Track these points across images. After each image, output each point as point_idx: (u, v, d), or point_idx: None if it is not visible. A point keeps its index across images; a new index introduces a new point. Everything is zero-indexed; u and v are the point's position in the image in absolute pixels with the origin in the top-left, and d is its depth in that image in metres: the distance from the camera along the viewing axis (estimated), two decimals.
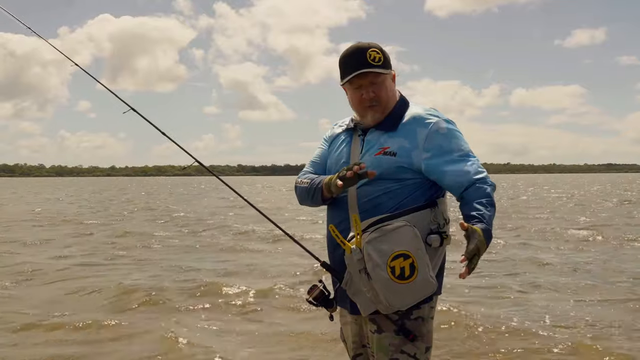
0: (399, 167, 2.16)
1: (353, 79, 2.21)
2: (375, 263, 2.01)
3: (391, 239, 2.02)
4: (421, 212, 2.12)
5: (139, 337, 5.09)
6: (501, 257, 9.36)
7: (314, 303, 2.20)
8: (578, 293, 6.68)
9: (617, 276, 7.68)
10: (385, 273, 2.00)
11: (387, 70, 2.23)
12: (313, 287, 2.21)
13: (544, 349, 4.66)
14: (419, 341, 2.14)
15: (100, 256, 9.85)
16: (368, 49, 2.20)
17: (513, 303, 6.28)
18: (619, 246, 10.71)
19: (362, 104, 2.24)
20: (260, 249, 10.72)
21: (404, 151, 2.16)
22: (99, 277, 7.76)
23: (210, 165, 2.82)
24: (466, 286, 6.79)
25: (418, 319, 2.15)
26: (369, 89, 2.21)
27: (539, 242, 11.38)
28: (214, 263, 9.17)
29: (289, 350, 4.79)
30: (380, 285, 2.01)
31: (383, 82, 2.22)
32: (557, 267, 8.41)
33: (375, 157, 2.18)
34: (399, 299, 2.03)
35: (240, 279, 7.59)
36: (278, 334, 5.21)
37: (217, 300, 6.43)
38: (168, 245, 11.32)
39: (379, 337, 2.16)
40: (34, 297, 6.66)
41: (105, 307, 6.18)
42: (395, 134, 2.20)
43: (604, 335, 5.00)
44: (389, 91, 2.25)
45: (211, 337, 5.13)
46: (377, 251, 2.01)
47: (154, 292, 6.67)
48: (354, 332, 2.33)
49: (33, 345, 4.84)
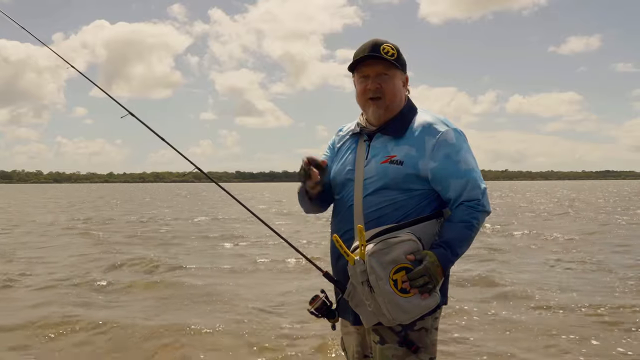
0: (405, 177, 2.11)
1: (362, 67, 2.18)
2: (378, 276, 1.96)
3: (395, 251, 1.97)
4: (427, 222, 2.09)
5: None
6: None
7: (316, 314, 2.15)
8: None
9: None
10: (388, 286, 1.96)
11: (398, 67, 2.18)
12: (315, 298, 2.16)
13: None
14: (422, 352, 2.10)
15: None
16: (384, 43, 2.18)
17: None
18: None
19: (365, 94, 2.19)
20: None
21: (410, 160, 2.12)
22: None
23: (209, 172, 2.77)
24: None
25: (421, 330, 2.11)
26: (375, 80, 2.17)
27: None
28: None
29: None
30: (383, 299, 1.96)
31: (391, 78, 2.18)
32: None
33: (380, 165, 2.14)
34: (402, 312, 1.98)
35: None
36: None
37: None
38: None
39: (382, 348, 2.12)
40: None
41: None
42: (402, 141, 2.15)
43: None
44: (396, 90, 2.19)
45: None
46: (380, 264, 1.97)
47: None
48: (356, 342, 2.29)
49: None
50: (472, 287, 7.41)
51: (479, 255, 10.12)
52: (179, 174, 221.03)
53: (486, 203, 2.12)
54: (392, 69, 2.17)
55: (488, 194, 2.16)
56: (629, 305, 6.25)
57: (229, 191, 2.68)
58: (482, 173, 2.16)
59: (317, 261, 2.33)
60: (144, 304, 6.65)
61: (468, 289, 7.28)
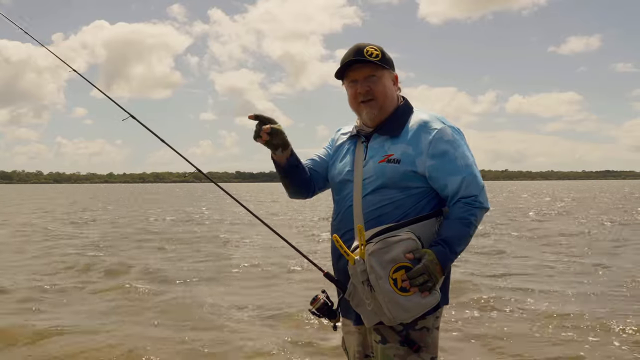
0: (403, 175, 2.11)
1: (349, 72, 2.21)
2: (378, 275, 1.96)
3: (394, 250, 1.97)
4: (427, 221, 2.08)
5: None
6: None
7: (317, 314, 2.15)
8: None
9: None
10: (388, 285, 1.96)
11: (384, 67, 2.20)
12: (316, 298, 2.16)
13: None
14: (423, 352, 2.10)
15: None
16: (367, 45, 2.21)
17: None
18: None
19: (356, 99, 2.22)
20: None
21: (407, 158, 2.12)
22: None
23: (209, 172, 2.77)
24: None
25: (423, 330, 2.11)
26: (363, 83, 2.19)
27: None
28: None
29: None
30: (383, 298, 1.97)
31: (380, 78, 2.20)
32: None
33: (378, 165, 2.15)
34: (402, 311, 1.98)
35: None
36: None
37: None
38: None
39: (383, 348, 2.12)
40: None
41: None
42: (398, 140, 2.16)
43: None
44: (387, 89, 2.21)
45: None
46: (380, 263, 1.97)
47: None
48: (358, 342, 2.29)
49: None
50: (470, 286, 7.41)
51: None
52: (179, 174, 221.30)
53: (484, 200, 2.12)
54: (379, 69, 2.19)
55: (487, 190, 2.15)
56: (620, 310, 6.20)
57: (230, 192, 2.67)
58: (482, 173, 2.15)
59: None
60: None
61: (467, 288, 7.28)
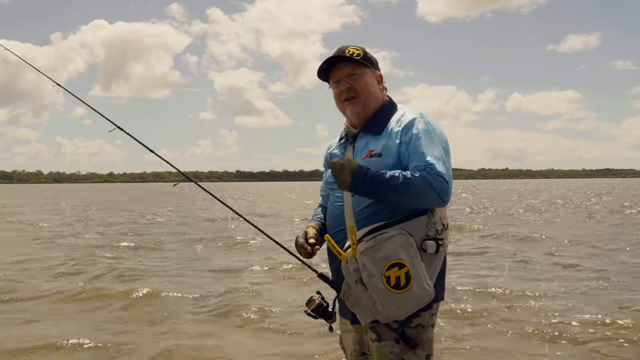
0: (386, 168, 2.08)
1: (333, 73, 2.26)
2: (370, 273, 1.99)
3: (385, 248, 1.99)
4: (417, 218, 2.08)
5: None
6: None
7: (313, 315, 2.18)
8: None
9: None
10: (381, 283, 1.98)
11: (366, 65, 2.24)
12: (311, 299, 2.19)
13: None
14: (419, 349, 2.12)
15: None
16: (349, 46, 2.26)
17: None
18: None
19: (340, 98, 2.27)
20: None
21: (388, 150, 2.14)
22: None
23: (209, 171, 2.80)
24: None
25: (418, 327, 2.13)
26: (345, 81, 2.23)
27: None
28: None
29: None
30: (377, 295, 1.99)
31: (361, 76, 2.23)
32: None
33: (363, 162, 2.14)
34: (396, 308, 2.00)
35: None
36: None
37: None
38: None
39: (379, 346, 2.14)
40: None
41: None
42: (380, 136, 2.19)
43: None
44: (369, 86, 2.25)
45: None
46: (372, 261, 1.99)
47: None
48: (354, 340, 2.31)
49: None
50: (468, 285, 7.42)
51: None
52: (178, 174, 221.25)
53: (438, 173, 1.98)
54: (361, 67, 2.23)
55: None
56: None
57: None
58: (482, 172, 2.15)
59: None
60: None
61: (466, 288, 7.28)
